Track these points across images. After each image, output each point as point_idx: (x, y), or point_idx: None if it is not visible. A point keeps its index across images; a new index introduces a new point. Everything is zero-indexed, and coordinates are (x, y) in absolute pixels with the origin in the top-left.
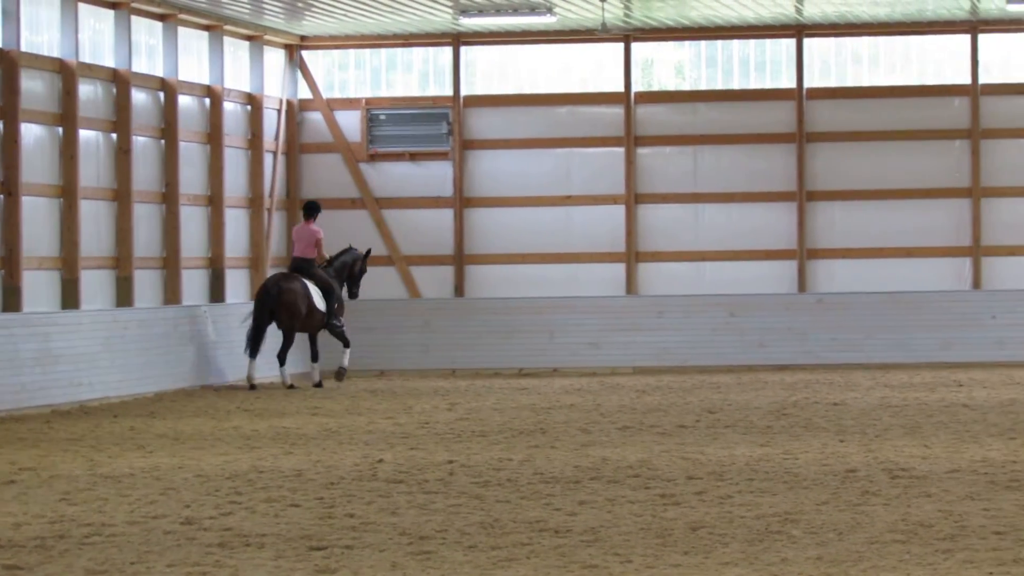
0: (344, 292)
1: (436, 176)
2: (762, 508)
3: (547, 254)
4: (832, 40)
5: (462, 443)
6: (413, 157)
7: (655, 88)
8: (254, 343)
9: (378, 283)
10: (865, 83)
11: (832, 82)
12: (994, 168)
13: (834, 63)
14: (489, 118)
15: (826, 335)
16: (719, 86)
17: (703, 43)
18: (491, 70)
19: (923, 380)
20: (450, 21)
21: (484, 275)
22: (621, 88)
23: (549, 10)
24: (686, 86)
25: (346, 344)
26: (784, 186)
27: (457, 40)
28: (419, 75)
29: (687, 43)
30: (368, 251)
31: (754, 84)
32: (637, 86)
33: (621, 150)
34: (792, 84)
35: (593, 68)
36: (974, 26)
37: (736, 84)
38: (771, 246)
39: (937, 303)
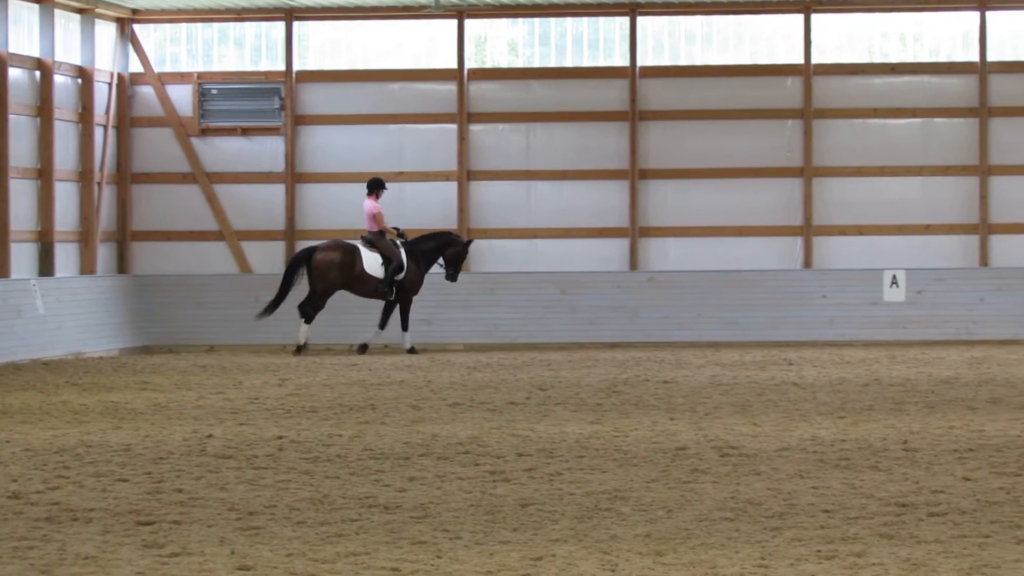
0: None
1: (268, 151)
2: (592, 485)
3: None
4: (665, 19)
5: (292, 419)
6: (245, 132)
7: (488, 65)
8: (271, 305)
9: (208, 258)
10: (698, 62)
11: (665, 61)
12: (826, 148)
13: (667, 42)
14: (321, 93)
15: (657, 313)
16: (552, 64)
17: (537, 20)
18: (324, 45)
19: (753, 359)
20: None
21: None
22: (454, 65)
23: None
24: (519, 63)
25: (382, 324)
26: (617, 164)
27: (290, 15)
28: (251, 50)
29: (521, 20)
30: (470, 240)
31: (587, 62)
32: (470, 63)
33: (454, 127)
34: (625, 62)
35: (426, 44)
36: (807, 6)
37: (569, 62)
38: (603, 224)
39: (768, 282)
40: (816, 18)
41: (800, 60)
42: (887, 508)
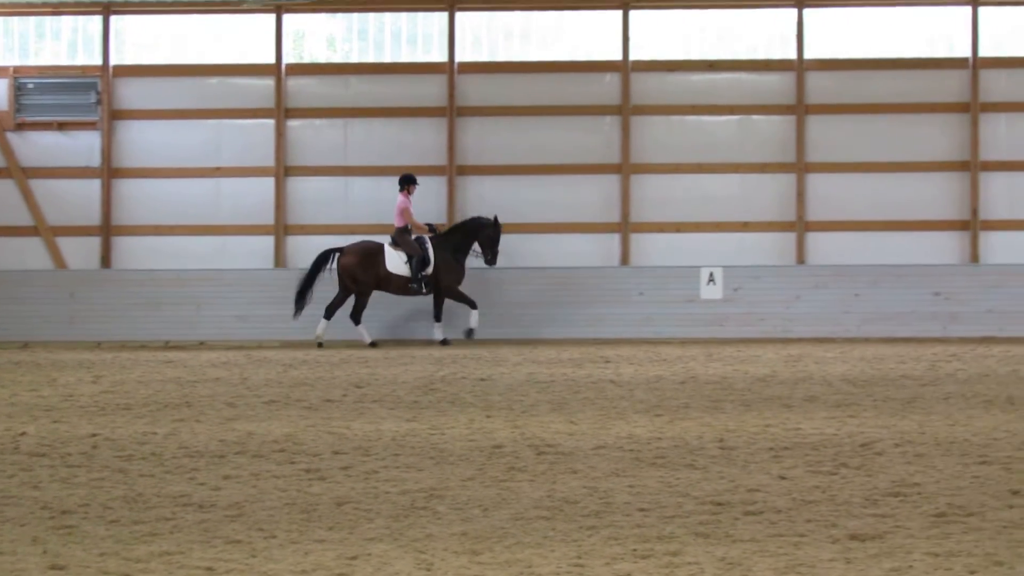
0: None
1: (84, 146)
2: (408, 483)
3: (196, 226)
4: (484, 14)
5: (106, 416)
6: (61, 127)
7: (306, 60)
8: (296, 302)
9: (23, 253)
10: (517, 58)
11: (484, 56)
12: (644, 145)
13: (486, 37)
14: (139, 88)
15: (479, 310)
16: (371, 59)
17: (355, 16)
18: (142, 40)
19: (571, 356)
20: None
21: (132, 246)
22: (272, 60)
23: None
24: (337, 58)
25: (472, 305)
26: (435, 160)
27: (107, 9)
28: (68, 44)
29: (339, 15)
30: (495, 218)
31: (406, 57)
32: (288, 58)
33: (271, 122)
34: (444, 58)
35: (244, 39)
36: (626, 2)
37: (388, 57)
38: (421, 219)
39: (586, 279)
40: (634, 14)
41: (618, 57)
42: (703, 507)
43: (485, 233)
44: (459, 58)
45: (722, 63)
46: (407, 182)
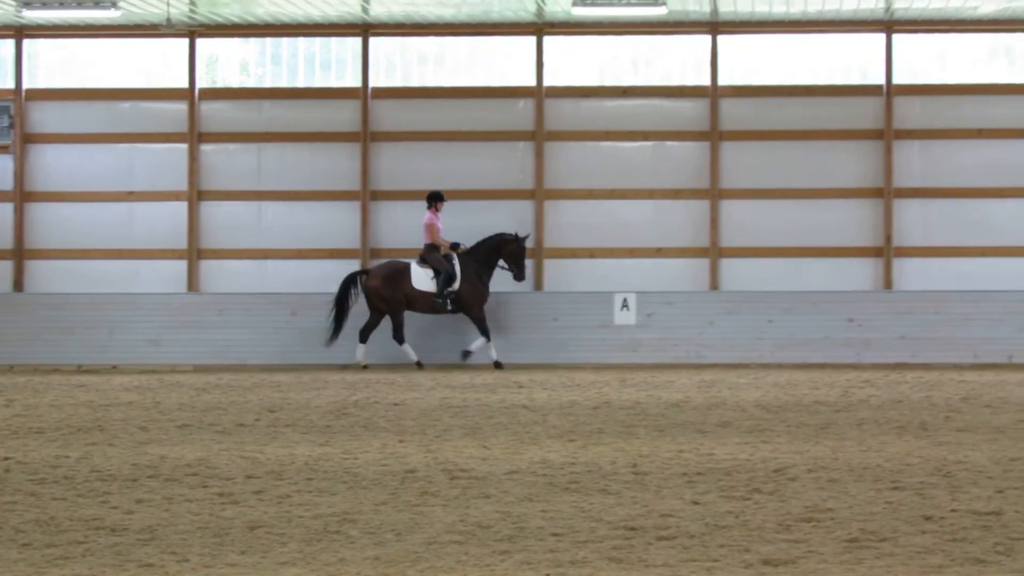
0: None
1: None
2: (321, 508)
3: (109, 250)
4: (398, 39)
5: (18, 440)
6: None
7: (220, 85)
8: (333, 327)
9: None
10: (431, 83)
11: (397, 81)
12: (558, 171)
13: (400, 62)
14: (52, 112)
15: (389, 334)
16: (284, 84)
17: (269, 40)
18: (55, 63)
19: (484, 381)
20: (13, 14)
21: (44, 270)
22: (185, 84)
23: (113, 4)
24: (251, 83)
25: (485, 333)
26: (349, 185)
27: (20, 32)
28: None
29: (252, 40)
30: (516, 234)
31: (319, 82)
32: (202, 82)
33: (184, 146)
34: (357, 83)
35: (158, 64)
36: (540, 28)
37: (302, 82)
38: (335, 245)
39: (500, 304)
40: (548, 40)
41: (532, 82)
42: (616, 531)
43: (508, 249)
44: (373, 83)
45: (636, 89)
46: (434, 199)
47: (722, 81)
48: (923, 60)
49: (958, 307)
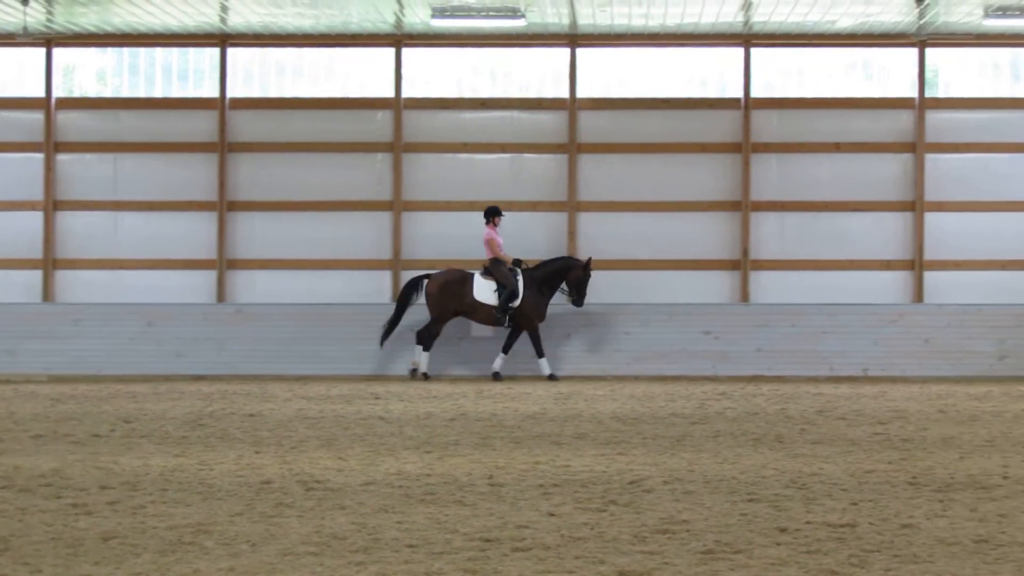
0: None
1: None
2: (175, 519)
3: None
4: (257, 50)
5: None
6: None
7: (77, 94)
8: (387, 328)
9: None
10: (289, 94)
11: (256, 92)
12: (416, 182)
13: (258, 73)
14: None
15: (245, 346)
16: (142, 94)
17: (126, 50)
18: None
19: (340, 392)
20: None
21: None
22: (42, 93)
23: None
24: (108, 93)
25: (505, 350)
26: (205, 195)
27: None
28: None
29: (110, 49)
30: (588, 260)
31: (177, 92)
32: (58, 92)
33: (40, 156)
34: (215, 93)
35: (14, 72)
36: (398, 40)
37: (159, 92)
38: (191, 255)
39: (356, 316)
40: (407, 52)
41: (391, 94)
42: (472, 543)
43: (574, 274)
44: (231, 93)
45: (495, 101)
46: (492, 214)
47: (581, 94)
48: (781, 74)
49: (814, 320)
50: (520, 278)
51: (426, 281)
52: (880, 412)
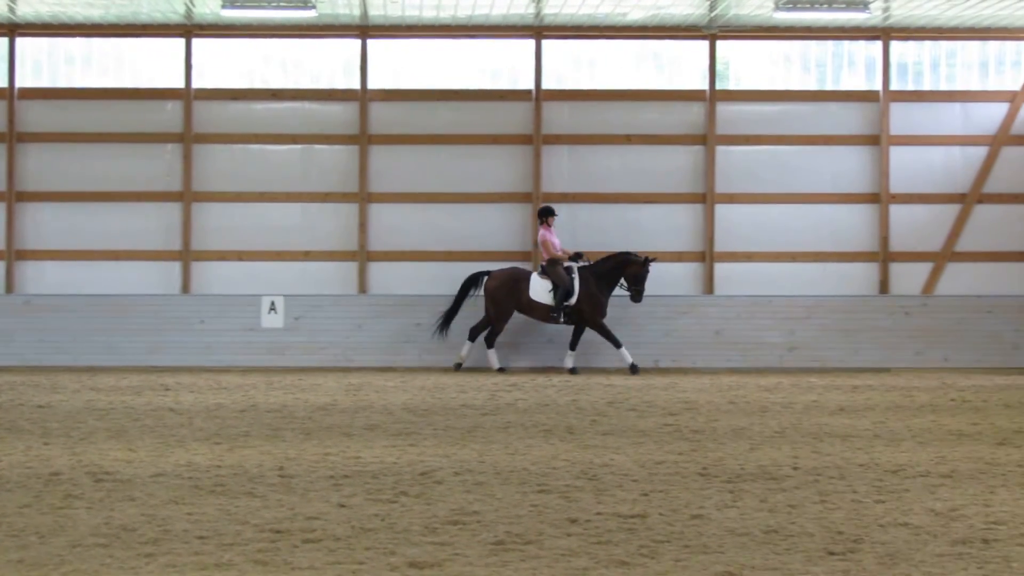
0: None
1: None
2: None
3: None
4: (46, 40)
5: None
6: None
7: None
8: (442, 323)
9: None
10: (79, 84)
11: (45, 82)
12: (206, 173)
13: (47, 63)
14: None
15: (33, 337)
16: None
17: None
18: None
19: (130, 384)
20: None
21: None
22: None
23: None
24: None
25: (572, 346)
26: None
27: None
28: None
29: None
30: (648, 259)
31: None
32: None
33: None
34: (4, 84)
35: None
36: (189, 30)
37: None
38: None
39: (146, 307)
40: (197, 43)
41: (181, 84)
42: (262, 534)
43: (632, 270)
44: (20, 84)
45: (286, 92)
46: (545, 214)
47: (372, 85)
48: (572, 66)
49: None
50: (576, 276)
51: (486, 278)
52: (671, 403)
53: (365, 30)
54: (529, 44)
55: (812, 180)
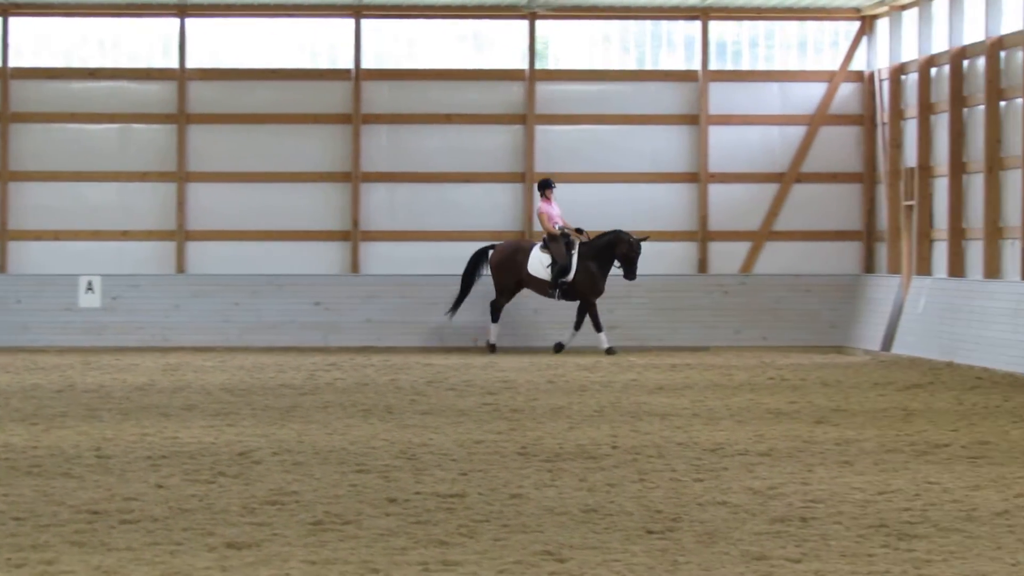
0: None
1: None
2: None
3: None
4: None
5: None
6: None
7: None
8: (456, 302)
9: None
10: None
11: None
12: (22, 152)
13: None
14: None
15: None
16: None
17: None
18: None
19: None
20: None
21: None
22: None
23: None
24: None
25: (576, 326)
26: None
27: None
28: None
29: None
30: (637, 239)
31: None
32: None
33: None
34: None
35: None
36: (6, 8)
37: None
38: None
39: None
40: (14, 21)
41: None
42: (79, 515)
43: (621, 249)
44: None
45: (103, 71)
46: (543, 187)
47: (191, 64)
48: (392, 45)
49: (424, 291)
50: (575, 253)
51: (491, 252)
52: (490, 383)
53: (184, 9)
54: (349, 23)
55: (632, 159)
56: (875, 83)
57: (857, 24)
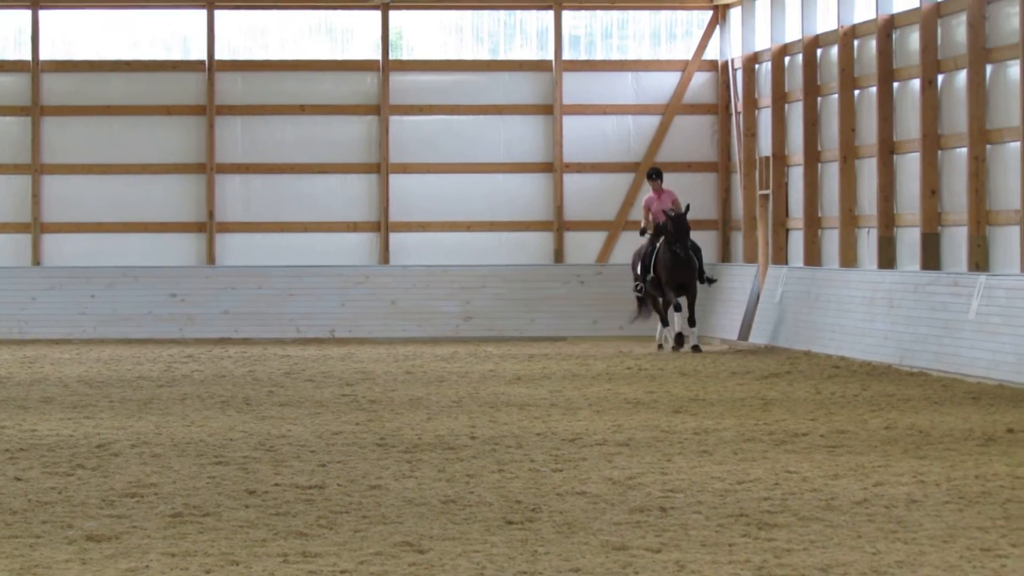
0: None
1: None
2: None
3: None
4: None
5: None
6: None
7: None
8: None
9: None
10: None
11: None
12: None
13: None
14: None
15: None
16: None
17: None
18: None
19: None
20: None
21: None
22: None
23: None
24: None
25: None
26: None
27: None
28: None
29: None
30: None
31: None
32: None
33: None
34: None
35: None
36: None
37: None
38: None
39: None
40: None
41: None
42: None
43: (666, 227)
44: None
45: None
46: (648, 177)
47: (44, 56)
48: (245, 36)
49: (280, 282)
50: (659, 246)
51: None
52: (348, 374)
53: (36, 0)
54: (201, 14)
55: (487, 150)
56: (729, 72)
57: (710, 13)
